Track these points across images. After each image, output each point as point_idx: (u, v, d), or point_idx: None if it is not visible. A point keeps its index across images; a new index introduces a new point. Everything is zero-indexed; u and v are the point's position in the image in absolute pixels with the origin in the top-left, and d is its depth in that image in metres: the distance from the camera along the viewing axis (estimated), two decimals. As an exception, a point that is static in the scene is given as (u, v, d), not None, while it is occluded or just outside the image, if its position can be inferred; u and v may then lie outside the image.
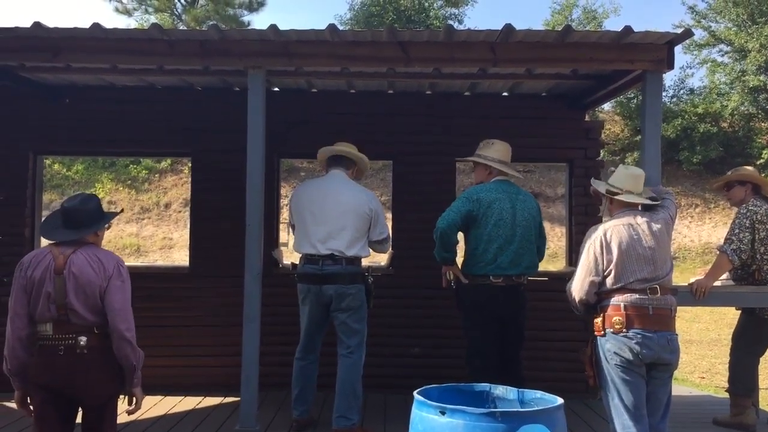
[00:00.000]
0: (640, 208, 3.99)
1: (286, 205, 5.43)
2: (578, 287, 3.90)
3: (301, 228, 5.09)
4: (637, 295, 3.75)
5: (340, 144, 5.28)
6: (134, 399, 3.44)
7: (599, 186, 4.08)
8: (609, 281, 3.80)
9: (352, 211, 4.95)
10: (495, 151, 4.87)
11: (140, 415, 5.40)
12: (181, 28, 23.33)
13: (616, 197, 3.96)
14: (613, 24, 30.92)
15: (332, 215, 4.95)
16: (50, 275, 3.32)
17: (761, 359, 5.28)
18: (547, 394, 3.21)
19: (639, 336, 3.70)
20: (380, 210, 5.12)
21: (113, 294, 3.32)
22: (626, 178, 3.98)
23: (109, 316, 3.30)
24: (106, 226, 3.58)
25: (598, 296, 3.86)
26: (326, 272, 4.91)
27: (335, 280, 4.90)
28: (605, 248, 3.81)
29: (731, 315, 6.38)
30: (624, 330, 3.72)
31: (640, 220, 3.87)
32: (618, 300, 3.77)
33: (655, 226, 3.86)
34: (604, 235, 3.84)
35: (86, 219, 3.44)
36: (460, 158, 5.15)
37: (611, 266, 3.79)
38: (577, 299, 3.93)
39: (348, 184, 5.11)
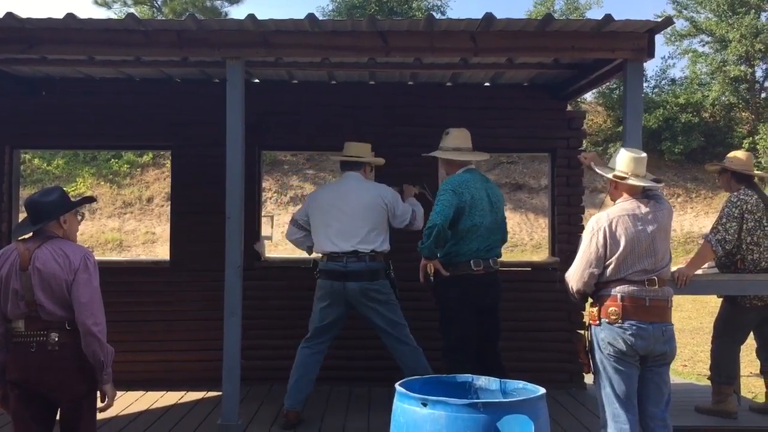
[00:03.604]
0: (641, 193, 3.90)
1: (270, 198, 5.43)
2: (577, 277, 3.83)
3: (322, 229, 5.18)
4: (635, 287, 3.72)
5: (351, 146, 5.34)
6: (105, 396, 3.37)
7: (605, 171, 3.93)
8: (609, 271, 3.75)
9: (368, 207, 5.07)
10: (452, 140, 4.87)
11: (121, 411, 5.39)
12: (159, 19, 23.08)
13: (624, 182, 3.83)
14: (596, 15, 30.99)
15: (352, 215, 5.05)
16: (16, 272, 3.27)
17: (742, 347, 5.31)
18: (529, 384, 3.19)
19: (634, 327, 3.68)
20: (395, 199, 5.20)
21: (79, 288, 3.25)
22: (631, 161, 3.85)
23: (75, 310, 3.24)
24: (79, 217, 3.51)
25: (596, 285, 3.81)
26: (350, 269, 4.98)
27: (359, 278, 4.96)
28: (610, 239, 3.73)
29: (713, 303, 6.42)
30: (619, 321, 3.70)
31: (645, 210, 3.79)
32: (615, 291, 3.72)
33: (660, 217, 3.80)
34: (610, 225, 3.75)
35: (46, 210, 3.36)
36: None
37: (614, 258, 3.73)
38: (574, 289, 3.86)
39: (362, 183, 5.22)
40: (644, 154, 3.94)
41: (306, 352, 5.19)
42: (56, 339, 3.25)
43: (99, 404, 3.39)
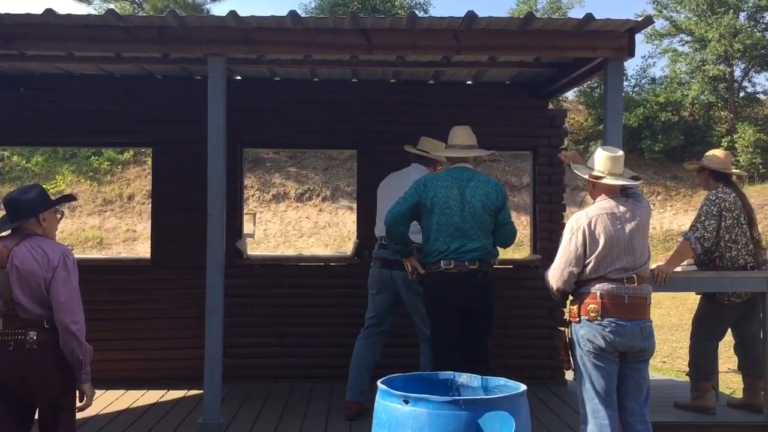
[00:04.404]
0: (620, 192, 3.93)
1: (252, 196, 5.42)
2: (557, 276, 3.87)
3: (378, 213, 5.34)
4: (614, 285, 3.75)
5: (425, 141, 5.39)
6: (84, 395, 3.35)
7: (581, 172, 3.99)
8: (588, 270, 3.79)
9: None
10: (450, 137, 4.85)
11: (101, 409, 5.36)
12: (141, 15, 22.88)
13: (600, 181, 3.88)
14: (577, 14, 31.20)
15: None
16: None
17: (720, 343, 5.36)
18: (510, 381, 3.21)
19: (613, 324, 3.72)
20: None
21: (58, 286, 3.23)
22: (607, 160, 3.89)
23: (54, 308, 3.22)
24: (58, 216, 3.48)
25: (576, 283, 3.85)
26: (398, 257, 4.91)
27: (404, 266, 4.88)
28: (589, 238, 3.77)
29: (692, 300, 6.49)
30: (599, 318, 3.73)
31: (623, 209, 3.83)
32: (595, 288, 3.76)
33: (638, 215, 3.84)
34: (588, 224, 3.79)
35: (25, 208, 3.33)
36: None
37: (593, 257, 3.77)
38: (554, 288, 3.91)
39: (419, 173, 5.10)
40: (621, 153, 3.98)
41: (362, 344, 5.28)
42: (34, 338, 3.22)
43: (78, 403, 3.37)
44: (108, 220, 22.10)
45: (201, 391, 4.88)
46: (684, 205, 24.25)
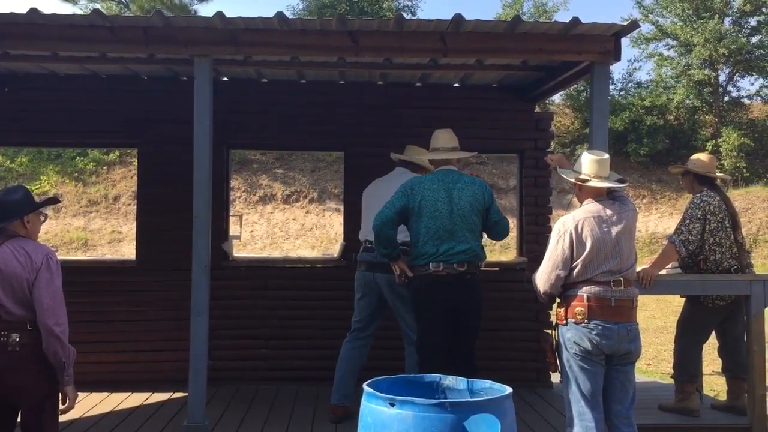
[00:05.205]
0: (606, 195, 3.96)
1: (239, 197, 5.40)
2: (544, 280, 3.89)
3: (364, 218, 5.38)
4: (601, 288, 3.77)
5: (410, 149, 5.41)
6: (66, 397, 3.34)
7: (567, 175, 4.02)
8: (575, 273, 3.81)
9: None
10: (432, 140, 4.84)
11: (85, 412, 5.31)
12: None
13: (586, 184, 3.91)
14: (563, 18, 31.33)
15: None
16: None
17: (705, 346, 5.40)
18: (496, 383, 3.21)
19: (599, 327, 3.73)
20: None
21: (41, 288, 3.21)
22: (593, 163, 3.92)
23: (37, 310, 3.20)
24: (42, 218, 3.47)
25: (563, 286, 3.87)
26: (381, 260, 4.88)
27: (389, 270, 4.85)
28: (576, 242, 3.79)
29: (677, 303, 6.52)
30: (585, 321, 3.75)
31: (610, 212, 3.85)
32: (582, 291, 3.78)
33: (624, 218, 3.86)
34: (575, 227, 3.81)
35: (10, 209, 3.32)
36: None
37: (580, 260, 3.78)
38: (542, 290, 3.92)
39: (403, 177, 5.03)
40: (606, 156, 4.00)
41: (347, 347, 5.26)
42: (17, 339, 3.20)
43: (60, 406, 3.35)
44: (93, 221, 21.93)
45: (186, 394, 4.85)
46: (669, 208, 24.40)
